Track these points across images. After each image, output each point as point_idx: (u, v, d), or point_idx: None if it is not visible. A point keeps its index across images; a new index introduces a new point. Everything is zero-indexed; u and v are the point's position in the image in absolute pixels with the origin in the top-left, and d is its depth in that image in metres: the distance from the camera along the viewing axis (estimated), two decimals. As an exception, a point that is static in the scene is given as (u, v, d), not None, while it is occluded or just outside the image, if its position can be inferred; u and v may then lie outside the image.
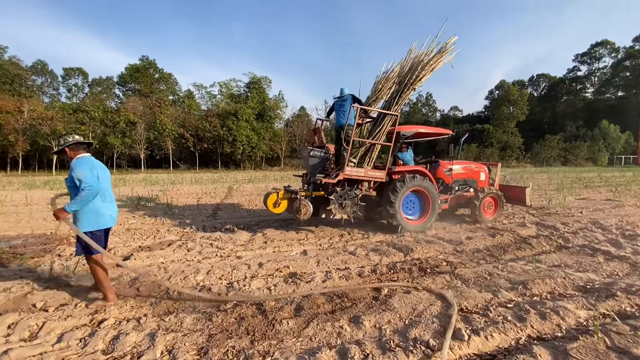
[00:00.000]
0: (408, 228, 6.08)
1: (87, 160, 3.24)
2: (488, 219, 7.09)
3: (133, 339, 2.54)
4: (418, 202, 6.46)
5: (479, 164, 7.72)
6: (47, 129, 37.22)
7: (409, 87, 6.32)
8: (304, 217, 5.70)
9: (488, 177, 7.62)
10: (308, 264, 4.30)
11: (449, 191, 7.05)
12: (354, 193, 5.84)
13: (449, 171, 7.07)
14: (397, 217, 5.96)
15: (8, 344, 2.52)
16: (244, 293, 3.44)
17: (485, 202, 7.07)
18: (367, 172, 5.96)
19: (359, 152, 6.35)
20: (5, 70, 46.94)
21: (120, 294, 3.45)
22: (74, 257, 4.46)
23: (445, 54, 6.47)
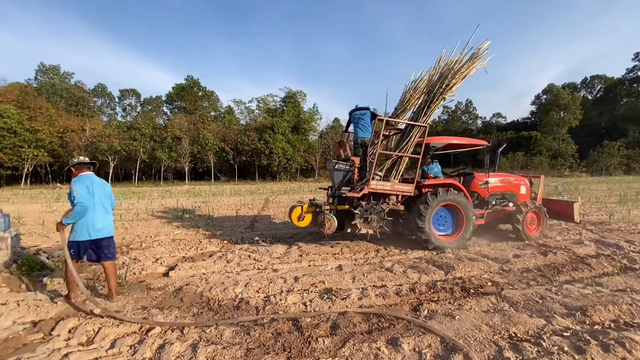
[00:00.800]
0: (438, 244, 5.75)
1: (86, 178, 3.73)
2: (532, 236, 6.48)
3: (177, 348, 2.66)
4: (450, 218, 6.11)
5: (519, 176, 7.23)
6: (105, 145, 41.03)
7: (438, 97, 6.06)
8: (328, 232, 5.56)
9: (529, 190, 7.10)
10: (343, 279, 4.25)
11: (485, 206, 6.59)
12: (380, 207, 5.59)
13: (484, 184, 6.66)
14: (427, 232, 5.68)
15: (68, 347, 2.75)
16: (280, 308, 3.47)
17: (527, 218, 6.50)
18: (393, 185, 5.71)
19: (386, 165, 6.11)
20: (71, 94, 52.80)
21: (165, 304, 3.65)
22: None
23: (477, 60, 6.15)
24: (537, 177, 7.48)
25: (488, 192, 6.62)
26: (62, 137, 40.55)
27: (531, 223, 6.57)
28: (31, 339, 2.94)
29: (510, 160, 51.00)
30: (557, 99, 55.29)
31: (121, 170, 47.73)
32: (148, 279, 4.59)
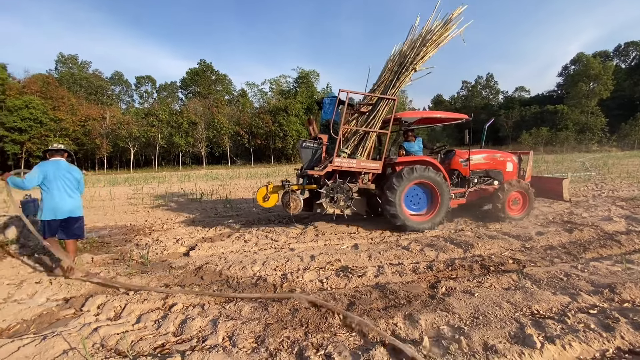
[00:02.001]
0: (411, 225, 5.53)
1: (49, 164, 4.08)
2: (515, 217, 6.05)
3: (198, 323, 2.75)
4: (425, 196, 5.87)
5: (506, 152, 6.76)
6: (125, 132, 42.06)
7: (408, 68, 5.72)
8: (294, 212, 5.45)
9: (516, 167, 6.67)
10: (359, 257, 4.25)
11: (467, 184, 6.24)
12: (347, 186, 5.37)
13: (465, 161, 6.28)
14: (397, 212, 5.43)
15: (97, 322, 2.90)
16: (297, 285, 3.52)
17: (510, 197, 6.03)
18: (359, 163, 5.44)
19: (353, 141, 5.77)
20: (90, 83, 53.94)
21: (186, 282, 3.77)
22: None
23: (451, 27, 5.74)
24: (526, 154, 6.99)
25: (470, 169, 6.24)
26: (84, 126, 41.88)
27: (514, 203, 6.11)
28: (63, 314, 3.12)
29: (534, 135, 48.90)
30: (586, 69, 51.89)
31: (141, 157, 49.12)
32: (170, 258, 4.76)
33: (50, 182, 3.97)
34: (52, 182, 3.97)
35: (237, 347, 2.39)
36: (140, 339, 2.58)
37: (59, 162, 4.11)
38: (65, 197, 4.03)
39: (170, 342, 2.54)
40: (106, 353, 2.42)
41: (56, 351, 2.42)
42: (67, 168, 4.13)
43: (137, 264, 4.48)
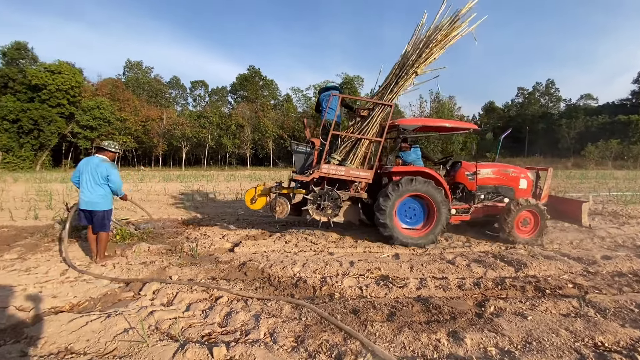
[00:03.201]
0: (400, 238, 5.17)
1: (84, 160, 4.54)
2: (524, 239, 5.42)
3: (241, 317, 2.87)
4: (421, 210, 5.45)
5: (521, 168, 6.14)
6: (179, 133, 45.28)
7: (409, 72, 5.29)
8: (280, 216, 5.29)
9: (531, 185, 6.02)
10: (401, 268, 4.15)
11: (472, 199, 5.76)
12: (335, 194, 5.14)
13: (472, 175, 5.77)
14: (387, 222, 5.12)
15: (152, 306, 3.15)
16: (337, 290, 3.53)
17: (519, 217, 5.41)
18: (349, 171, 5.18)
19: (344, 148, 5.44)
20: (151, 86, 58.98)
21: (231, 277, 3.97)
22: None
23: (460, 25, 5.15)
24: (544, 170, 6.19)
25: (476, 184, 5.74)
26: (145, 125, 45.85)
27: (524, 224, 5.48)
28: (124, 296, 3.44)
29: (601, 148, 44.10)
30: (669, 76, 45.73)
31: (192, 156, 52.55)
32: (216, 252, 5.03)
33: (81, 175, 4.42)
34: (82, 175, 4.41)
35: (278, 344, 2.46)
36: (189, 326, 2.77)
37: (92, 158, 4.51)
38: (85, 190, 4.38)
39: (216, 332, 2.68)
40: (160, 335, 2.62)
41: (118, 329, 2.67)
42: (96, 164, 4.41)
43: (187, 256, 4.80)
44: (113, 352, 2.41)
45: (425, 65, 5.36)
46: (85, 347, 2.47)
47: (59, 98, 36.14)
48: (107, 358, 2.32)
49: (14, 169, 33.75)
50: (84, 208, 4.43)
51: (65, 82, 36.11)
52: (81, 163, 4.51)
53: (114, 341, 2.52)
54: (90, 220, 4.50)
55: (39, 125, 35.27)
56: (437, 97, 49.16)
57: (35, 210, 8.07)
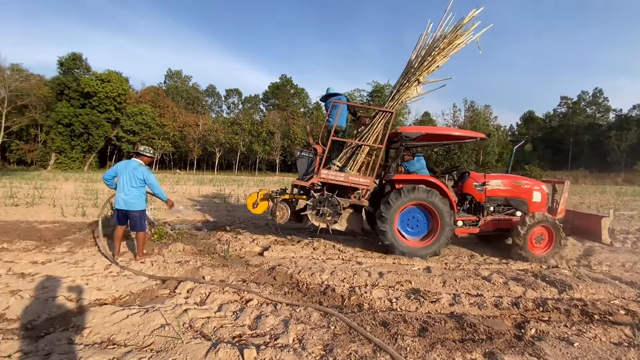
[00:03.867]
0: (400, 248, 5.06)
1: (120, 163, 4.83)
2: (538, 255, 5.09)
3: (271, 321, 2.90)
4: (425, 221, 5.29)
5: (535, 180, 5.82)
6: (213, 138, 47.16)
7: (410, 79, 5.26)
8: (280, 221, 5.33)
9: (546, 198, 5.67)
10: (432, 282, 4.01)
11: (480, 211, 5.50)
12: (336, 200, 5.09)
13: (480, 186, 5.52)
14: (387, 230, 5.01)
15: (187, 304, 3.27)
16: (365, 300, 3.48)
17: (533, 233, 5.09)
18: (348, 177, 5.14)
19: (345, 154, 5.46)
20: (189, 94, 62.14)
21: (260, 280, 4.03)
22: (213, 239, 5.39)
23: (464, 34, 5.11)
24: (561, 183, 5.83)
25: (485, 195, 5.49)
26: (182, 131, 48.28)
27: (538, 240, 5.16)
28: (161, 293, 3.60)
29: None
30: None
31: (224, 161, 54.45)
32: (247, 256, 5.14)
33: (119, 176, 4.69)
34: (120, 177, 4.68)
35: (307, 351, 2.46)
36: (221, 326, 2.84)
37: (130, 162, 4.78)
38: (122, 191, 4.65)
39: (246, 334, 2.73)
40: (193, 333, 2.71)
41: (156, 324, 2.80)
42: (134, 168, 4.67)
43: (219, 257, 4.95)
44: (150, 345, 2.52)
45: (428, 73, 5.33)
46: (125, 339, 2.60)
47: (107, 104, 39.04)
48: (145, 351, 2.43)
49: (65, 169, 36.70)
50: (120, 208, 4.67)
51: (113, 89, 38.98)
52: (119, 165, 4.78)
53: (151, 335, 2.64)
54: (124, 220, 4.74)
55: (89, 129, 38.22)
56: (472, 106, 47.56)
57: (83, 208, 8.72)
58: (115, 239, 4.80)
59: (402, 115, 50.80)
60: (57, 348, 2.43)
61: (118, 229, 4.79)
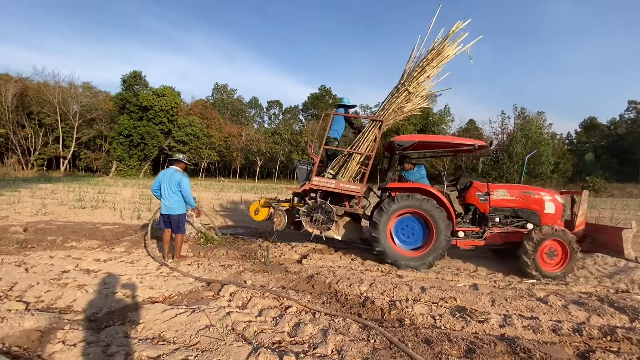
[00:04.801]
0: (393, 256, 5.01)
1: (162, 172, 5.15)
2: (549, 273, 4.67)
3: (309, 330, 2.90)
4: (420, 231, 5.16)
5: (549, 190, 5.46)
6: (255, 148, 49.04)
7: (400, 90, 5.46)
8: (278, 227, 5.56)
9: (561, 210, 5.25)
10: (480, 300, 3.75)
11: (484, 223, 5.25)
12: (329, 207, 5.17)
13: (484, 196, 5.29)
14: (379, 237, 5.00)
15: (229, 307, 3.39)
16: (407, 315, 3.35)
17: (543, 247, 4.67)
18: (339, 183, 5.27)
19: (338, 162, 5.70)
20: (234, 106, 65.47)
21: (299, 288, 4.07)
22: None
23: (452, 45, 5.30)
24: (579, 194, 5.39)
25: (490, 205, 5.25)
26: (226, 141, 50.87)
27: (550, 255, 4.74)
28: (206, 295, 3.77)
29: None
30: None
31: (265, 169, 56.29)
32: (286, 262, 5.22)
33: (162, 184, 5.04)
34: (162, 184, 5.03)
35: (346, 363, 2.41)
36: (261, 331, 2.89)
37: (168, 170, 5.15)
38: (164, 197, 5.03)
39: (285, 340, 2.75)
40: (235, 336, 2.80)
41: (201, 324, 2.93)
42: (171, 174, 5.03)
43: (260, 263, 5.08)
44: (196, 345, 2.64)
45: (418, 84, 5.46)
46: (174, 336, 2.76)
47: (161, 117, 42.40)
48: (191, 350, 2.55)
49: (124, 175, 40.31)
50: (164, 213, 5.06)
51: (167, 103, 42.30)
52: (160, 174, 5.17)
53: (197, 335, 2.76)
54: (169, 224, 5.08)
55: (145, 140, 41.72)
56: (523, 112, 44.50)
57: (139, 212, 9.48)
58: (164, 241, 5.14)
59: (445, 124, 49.01)
60: (115, 340, 2.64)
61: (166, 232, 5.13)
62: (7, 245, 5.51)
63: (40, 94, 39.40)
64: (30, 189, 15.50)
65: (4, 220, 7.64)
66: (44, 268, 4.37)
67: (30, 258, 4.80)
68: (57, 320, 2.94)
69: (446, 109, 50.45)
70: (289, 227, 5.79)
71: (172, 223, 5.06)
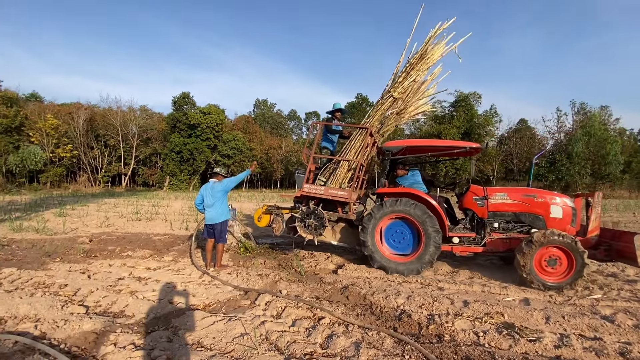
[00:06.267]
0: (379, 260, 5.07)
1: (205, 186, 5.46)
2: (550, 283, 4.34)
3: (342, 342, 2.85)
4: (410, 236, 5.18)
5: (555, 193, 5.10)
6: (294, 159, 50.19)
7: (385, 96, 5.63)
8: (277, 233, 5.83)
9: (570, 214, 4.83)
10: (531, 317, 3.41)
11: (482, 228, 5.04)
12: (321, 213, 5.34)
13: (481, 200, 5.11)
14: (367, 241, 5.10)
15: (264, 317, 3.45)
16: (447, 331, 3.15)
17: (542, 255, 4.40)
18: (327, 190, 5.42)
19: (328, 169, 5.87)
20: (274, 120, 67.87)
21: (333, 299, 4.02)
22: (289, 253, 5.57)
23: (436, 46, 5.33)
24: (592, 196, 4.89)
25: (488, 210, 5.07)
26: (267, 153, 52.70)
27: (550, 263, 4.40)
28: (243, 303, 3.89)
29: None
30: None
31: (304, 179, 57.27)
32: (321, 273, 5.21)
33: (204, 197, 5.39)
34: (205, 198, 5.38)
35: (378, 379, 2.32)
36: (294, 341, 2.90)
37: (208, 183, 5.47)
38: (207, 209, 5.36)
39: (317, 352, 2.73)
40: (268, 345, 2.83)
41: (236, 332, 3.02)
42: (211, 186, 5.39)
43: (295, 272, 5.13)
44: (231, 352, 2.72)
45: (403, 89, 5.51)
46: (211, 343, 2.87)
47: (207, 133, 45.28)
48: (226, 357, 2.64)
49: (175, 189, 43.42)
50: (208, 223, 5.40)
51: (212, 120, 45.12)
52: (202, 189, 5.53)
53: (232, 343, 2.85)
54: (213, 234, 5.39)
55: (193, 155, 44.75)
56: (583, 108, 40.35)
57: (187, 223, 10.11)
58: (207, 250, 5.43)
59: (492, 125, 46.10)
60: (159, 344, 2.81)
61: (209, 242, 5.41)
62: (75, 255, 6.18)
63: (106, 118, 44.24)
64: (97, 204, 17.31)
65: (74, 231, 8.60)
66: (103, 275, 4.83)
67: (93, 266, 5.33)
68: (111, 323, 3.21)
69: (492, 109, 47.44)
70: (288, 233, 6.02)
71: (216, 232, 5.36)
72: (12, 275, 4.71)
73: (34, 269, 5.08)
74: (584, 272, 4.29)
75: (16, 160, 33.21)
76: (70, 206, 14.92)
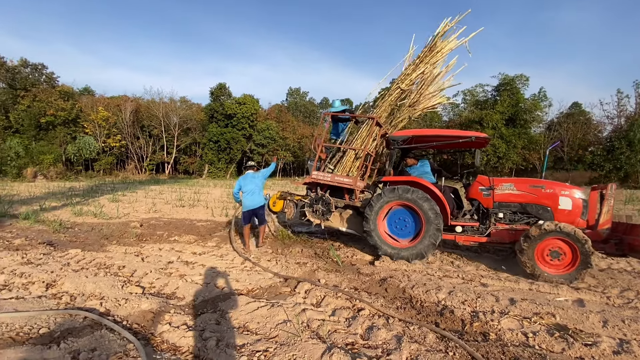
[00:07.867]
0: (384, 248, 5.22)
1: (243, 177, 6.01)
2: (553, 275, 4.31)
3: (383, 335, 2.86)
4: (412, 223, 5.28)
5: (564, 184, 5.00)
6: (326, 147, 50.20)
7: (392, 87, 5.79)
8: (288, 217, 6.23)
9: (580, 206, 4.71)
10: (587, 319, 3.19)
11: (487, 218, 5.08)
12: (328, 199, 5.62)
13: (487, 190, 5.09)
14: (371, 229, 5.25)
15: (304, 304, 3.55)
16: (492, 329, 3.04)
17: (544, 246, 4.37)
18: (333, 177, 5.75)
19: (336, 158, 6.22)
20: (306, 108, 67.94)
21: (372, 290, 4.04)
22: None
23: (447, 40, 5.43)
24: (606, 188, 4.65)
25: (493, 200, 5.06)
26: (300, 142, 53.16)
27: (553, 256, 4.38)
28: (283, 290, 4.02)
29: None
30: None
31: (336, 168, 57.25)
32: (358, 264, 5.23)
33: (244, 187, 5.90)
34: (245, 187, 5.89)
35: (422, 374, 2.31)
36: (334, 330, 2.96)
37: (247, 175, 6.01)
38: (249, 196, 5.84)
39: (358, 343, 2.77)
40: (310, 333, 2.92)
41: (279, 319, 3.14)
42: (252, 176, 5.95)
43: (333, 262, 5.20)
44: (275, 337, 2.84)
45: (411, 81, 5.60)
46: (256, 328, 3.01)
47: (243, 123, 46.53)
48: (271, 342, 2.76)
49: (214, 177, 45.41)
50: (250, 208, 5.86)
51: (247, 110, 46.21)
52: (240, 181, 6.03)
53: (276, 328, 2.97)
54: (250, 220, 5.92)
55: (230, 145, 46.34)
56: (649, 89, 35.94)
57: (226, 210, 10.56)
58: (245, 235, 5.91)
59: (541, 110, 42.70)
60: (208, 326, 3.01)
61: (246, 227, 5.89)
62: (129, 238, 6.72)
63: (149, 109, 46.90)
64: (144, 190, 18.59)
65: (126, 216, 9.34)
66: (154, 258, 5.21)
67: (145, 249, 5.77)
68: (165, 304, 3.48)
69: (541, 92, 43.79)
70: (299, 218, 6.27)
71: (259, 216, 5.91)
72: (77, 255, 5.23)
73: (95, 251, 5.60)
74: (592, 261, 4.16)
75: (74, 149, 36.51)
76: (122, 192, 16.18)
